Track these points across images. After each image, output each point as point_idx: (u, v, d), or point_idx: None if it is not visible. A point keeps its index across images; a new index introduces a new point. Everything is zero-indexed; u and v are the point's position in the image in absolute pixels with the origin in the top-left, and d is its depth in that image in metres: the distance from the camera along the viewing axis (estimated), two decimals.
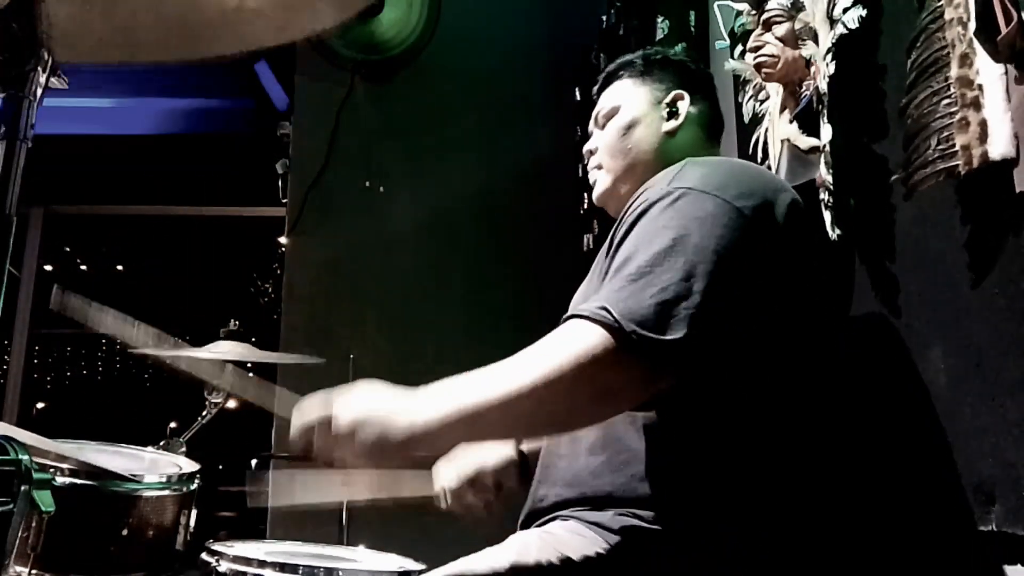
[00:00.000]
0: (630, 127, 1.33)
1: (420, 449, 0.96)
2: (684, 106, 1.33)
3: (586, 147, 1.40)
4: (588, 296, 1.18)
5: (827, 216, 1.30)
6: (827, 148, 1.30)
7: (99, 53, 1.01)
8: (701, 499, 1.00)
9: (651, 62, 1.38)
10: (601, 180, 1.35)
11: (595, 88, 1.44)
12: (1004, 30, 0.84)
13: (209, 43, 1.02)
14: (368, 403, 0.99)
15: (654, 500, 1.00)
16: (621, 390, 0.94)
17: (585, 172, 1.46)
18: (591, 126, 1.41)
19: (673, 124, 1.32)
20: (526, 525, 1.16)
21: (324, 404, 1.00)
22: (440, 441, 0.97)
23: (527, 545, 1.05)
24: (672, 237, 0.97)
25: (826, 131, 1.29)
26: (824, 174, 1.30)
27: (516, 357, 0.96)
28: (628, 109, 1.35)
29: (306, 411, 1.00)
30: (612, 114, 1.36)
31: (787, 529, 1.01)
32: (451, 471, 1.40)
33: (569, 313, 0.98)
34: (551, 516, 1.10)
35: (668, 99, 1.34)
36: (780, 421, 1.05)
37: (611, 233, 1.13)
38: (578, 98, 3.09)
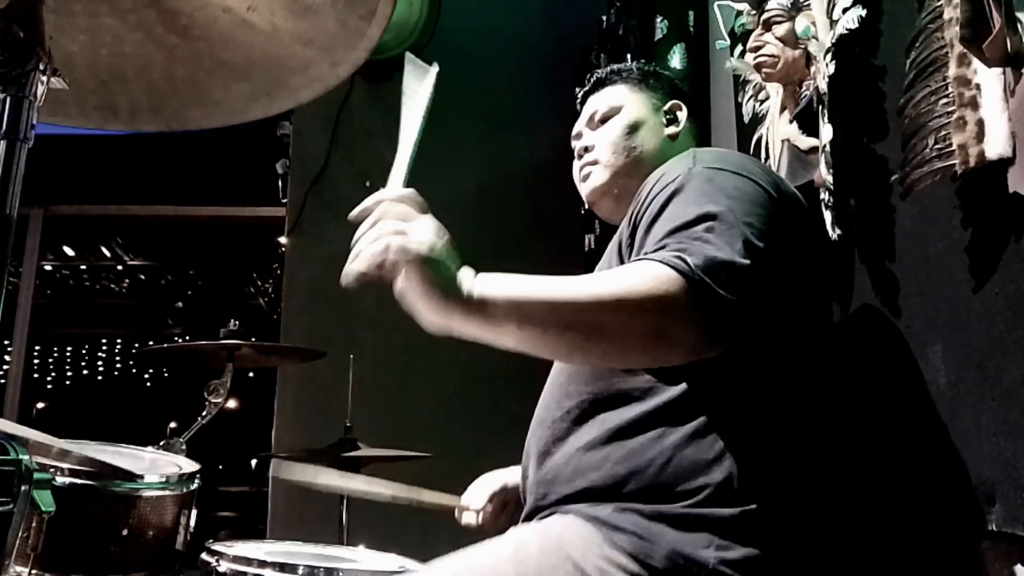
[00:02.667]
0: (635, 127, 1.34)
1: (470, 315, 0.93)
2: (683, 116, 1.38)
3: (580, 144, 1.39)
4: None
5: (827, 216, 1.30)
6: (827, 148, 1.30)
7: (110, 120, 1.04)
8: (701, 494, 1.00)
9: (647, 72, 1.42)
10: (597, 175, 1.34)
11: (583, 90, 1.46)
12: (993, 33, 0.84)
13: (191, 118, 1.06)
14: (449, 248, 0.96)
15: (654, 494, 1.00)
16: (675, 340, 0.95)
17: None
18: (581, 126, 1.42)
19: (674, 130, 1.37)
20: (527, 519, 1.16)
21: (413, 214, 0.98)
22: (491, 318, 0.93)
23: (526, 539, 1.04)
24: (719, 209, 0.99)
25: (826, 131, 1.29)
26: (824, 174, 1.31)
27: (591, 275, 0.98)
28: (631, 110, 1.36)
29: (394, 199, 1.01)
30: (612, 114, 1.37)
31: (791, 525, 1.01)
32: (476, 487, 1.45)
33: (639, 255, 0.98)
34: (550, 511, 1.10)
35: (667, 107, 1.38)
36: (783, 418, 1.05)
37: (631, 217, 1.13)
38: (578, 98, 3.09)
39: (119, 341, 8.39)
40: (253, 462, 6.18)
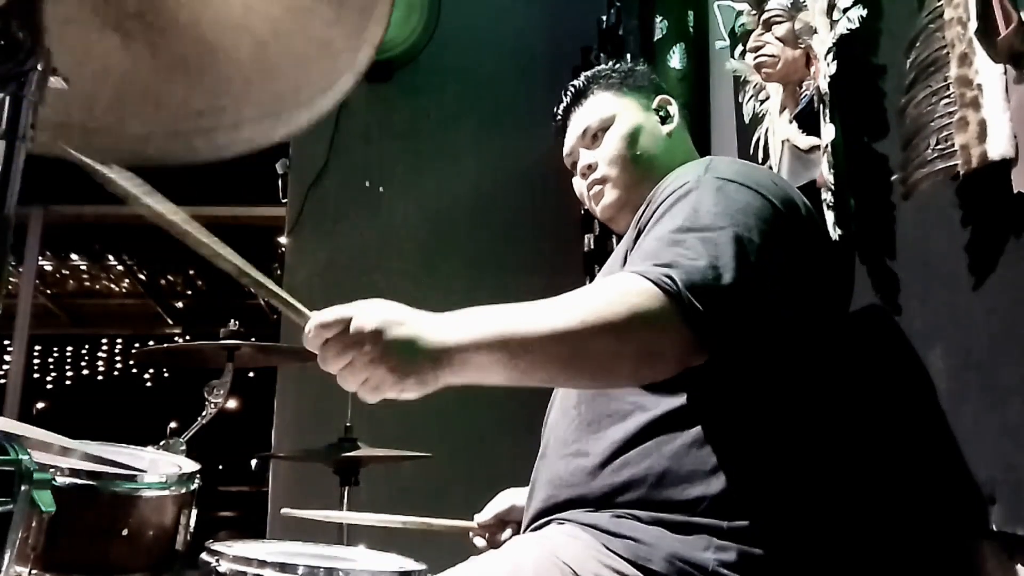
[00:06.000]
0: (634, 135, 1.31)
1: (448, 367, 0.89)
2: (674, 110, 1.36)
3: (581, 163, 1.34)
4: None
5: (829, 216, 1.30)
6: (829, 148, 1.30)
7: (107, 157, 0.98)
8: (700, 504, 0.99)
9: (624, 73, 1.38)
10: (609, 193, 1.31)
11: (563, 105, 1.40)
12: (1004, 31, 0.84)
13: (217, 146, 0.99)
14: (396, 312, 0.92)
15: (651, 504, 1.00)
16: (661, 355, 0.96)
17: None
18: (575, 144, 1.36)
19: (670, 127, 1.34)
20: (530, 523, 1.16)
21: (347, 308, 0.91)
22: (471, 364, 0.89)
23: (524, 550, 1.04)
24: (723, 223, 0.99)
25: (828, 131, 1.29)
26: (826, 174, 1.30)
27: (569, 296, 0.95)
28: (625, 118, 1.32)
29: (326, 312, 0.92)
30: (606, 126, 1.32)
31: (790, 528, 1.01)
32: (487, 508, 1.43)
33: (627, 270, 0.98)
34: (548, 519, 1.10)
35: (655, 104, 1.35)
36: (783, 424, 1.05)
37: (639, 219, 1.14)
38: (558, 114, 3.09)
39: (119, 341, 8.39)
40: (253, 462, 6.19)
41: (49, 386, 8.26)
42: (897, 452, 1.16)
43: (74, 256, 6.79)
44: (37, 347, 7.95)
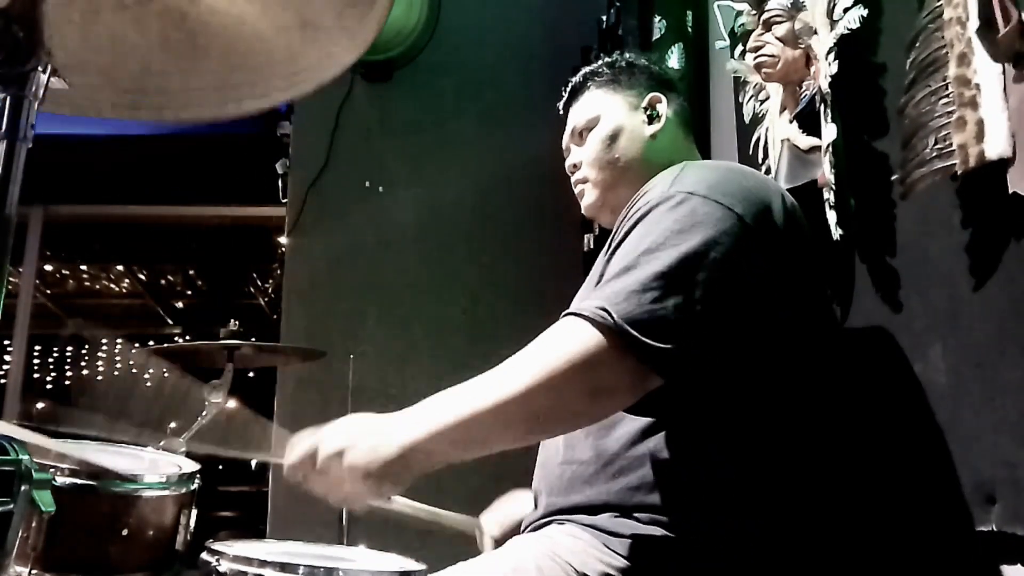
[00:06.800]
0: (613, 137, 1.31)
1: (413, 464, 0.96)
2: (663, 108, 1.33)
3: (568, 162, 1.37)
4: (586, 297, 1.18)
5: (831, 216, 1.30)
6: (829, 148, 1.30)
7: (126, 112, 1.00)
8: (699, 504, 1.00)
9: (619, 69, 1.37)
10: (588, 194, 1.33)
11: (562, 102, 1.43)
12: (1003, 29, 0.85)
13: (229, 102, 1.00)
14: (354, 428, 1.00)
15: (649, 507, 1.00)
16: (613, 390, 0.95)
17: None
18: (567, 141, 1.39)
19: (655, 128, 1.32)
20: (531, 526, 1.16)
21: (312, 437, 1.02)
22: (433, 454, 0.97)
23: (525, 549, 1.04)
24: (674, 243, 0.98)
25: (829, 131, 1.29)
26: (827, 174, 1.30)
27: (509, 361, 0.97)
28: (608, 119, 1.32)
29: (295, 447, 1.03)
30: (591, 126, 1.33)
31: (786, 531, 1.01)
32: (494, 519, 1.41)
33: (567, 311, 0.98)
34: (548, 521, 1.11)
35: (644, 103, 1.33)
36: (779, 425, 1.05)
37: (611, 236, 1.13)
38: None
39: (119, 341, 8.39)
40: (253, 462, 6.18)
41: (49, 386, 8.25)
42: (897, 451, 1.16)
43: (74, 256, 6.78)
44: (37, 347, 7.94)
